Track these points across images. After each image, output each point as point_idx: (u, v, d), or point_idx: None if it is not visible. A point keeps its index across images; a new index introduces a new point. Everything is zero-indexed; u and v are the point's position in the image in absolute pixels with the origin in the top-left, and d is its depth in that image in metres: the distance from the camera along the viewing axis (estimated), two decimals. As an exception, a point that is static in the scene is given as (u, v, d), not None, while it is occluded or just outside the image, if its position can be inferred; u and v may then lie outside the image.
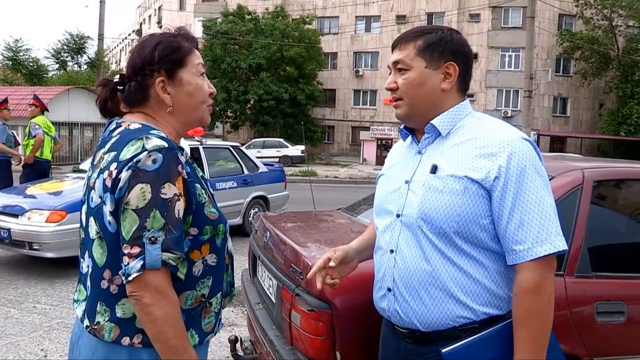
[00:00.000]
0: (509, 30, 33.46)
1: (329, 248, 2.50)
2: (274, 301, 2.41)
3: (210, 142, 8.34)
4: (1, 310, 4.37)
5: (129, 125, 1.32)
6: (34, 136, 7.32)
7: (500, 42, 33.62)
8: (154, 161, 1.21)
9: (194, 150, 7.40)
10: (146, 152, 1.21)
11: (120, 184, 1.21)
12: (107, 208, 1.23)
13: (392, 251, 1.51)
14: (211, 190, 1.43)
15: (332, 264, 1.59)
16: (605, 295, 2.05)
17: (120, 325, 1.27)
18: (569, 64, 34.42)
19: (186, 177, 1.26)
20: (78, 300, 1.38)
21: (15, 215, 5.38)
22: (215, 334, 1.43)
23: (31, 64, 27.82)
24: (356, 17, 36.73)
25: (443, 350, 1.39)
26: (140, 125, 1.31)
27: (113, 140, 1.30)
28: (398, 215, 1.51)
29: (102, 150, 1.32)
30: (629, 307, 2.05)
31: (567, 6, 32.87)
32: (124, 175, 1.20)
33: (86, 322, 1.31)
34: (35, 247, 5.26)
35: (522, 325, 1.35)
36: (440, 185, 1.42)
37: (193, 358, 1.26)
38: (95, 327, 1.28)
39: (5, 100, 7.57)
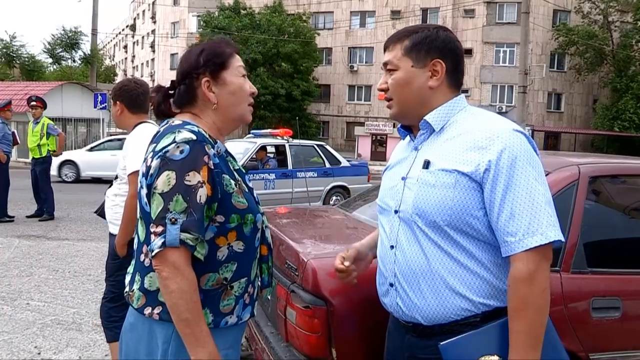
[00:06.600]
0: (503, 26, 33.52)
1: (324, 244, 2.51)
2: (269, 297, 2.40)
3: (296, 140, 10.11)
4: (-6, 307, 4.34)
5: (172, 121, 1.48)
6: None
7: (495, 37, 33.68)
8: (181, 151, 1.35)
9: (281, 147, 9.50)
10: (175, 144, 1.36)
11: (151, 171, 1.37)
12: (144, 191, 1.40)
13: (392, 247, 1.54)
14: (249, 183, 1.56)
15: (346, 263, 1.67)
16: (600, 290, 2.05)
17: (147, 296, 1.42)
18: (563, 59, 34.55)
19: (212, 167, 1.38)
20: (129, 272, 1.55)
21: None
22: (241, 320, 1.50)
23: (26, 60, 27.61)
24: (351, 12, 36.71)
25: (440, 344, 1.39)
26: (181, 122, 1.46)
27: (158, 135, 1.47)
28: (396, 212, 1.53)
29: (151, 144, 1.48)
30: (624, 303, 2.05)
31: (562, 2, 32.93)
32: (154, 163, 1.36)
33: (127, 289, 1.50)
34: None
35: (516, 317, 1.34)
36: (432, 179, 1.43)
37: (204, 333, 1.33)
38: (130, 293, 1.47)
39: (9, 103, 8.27)
